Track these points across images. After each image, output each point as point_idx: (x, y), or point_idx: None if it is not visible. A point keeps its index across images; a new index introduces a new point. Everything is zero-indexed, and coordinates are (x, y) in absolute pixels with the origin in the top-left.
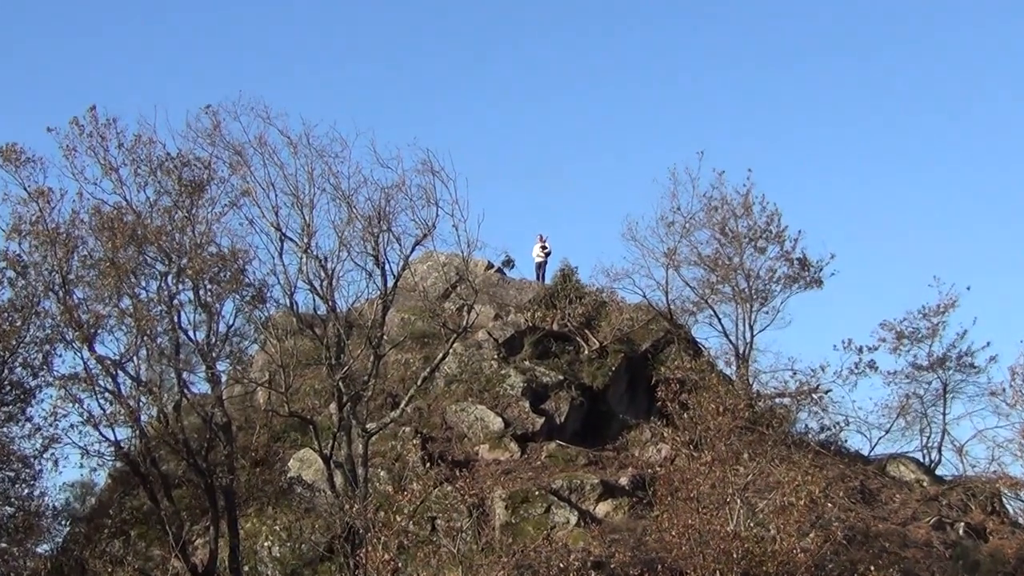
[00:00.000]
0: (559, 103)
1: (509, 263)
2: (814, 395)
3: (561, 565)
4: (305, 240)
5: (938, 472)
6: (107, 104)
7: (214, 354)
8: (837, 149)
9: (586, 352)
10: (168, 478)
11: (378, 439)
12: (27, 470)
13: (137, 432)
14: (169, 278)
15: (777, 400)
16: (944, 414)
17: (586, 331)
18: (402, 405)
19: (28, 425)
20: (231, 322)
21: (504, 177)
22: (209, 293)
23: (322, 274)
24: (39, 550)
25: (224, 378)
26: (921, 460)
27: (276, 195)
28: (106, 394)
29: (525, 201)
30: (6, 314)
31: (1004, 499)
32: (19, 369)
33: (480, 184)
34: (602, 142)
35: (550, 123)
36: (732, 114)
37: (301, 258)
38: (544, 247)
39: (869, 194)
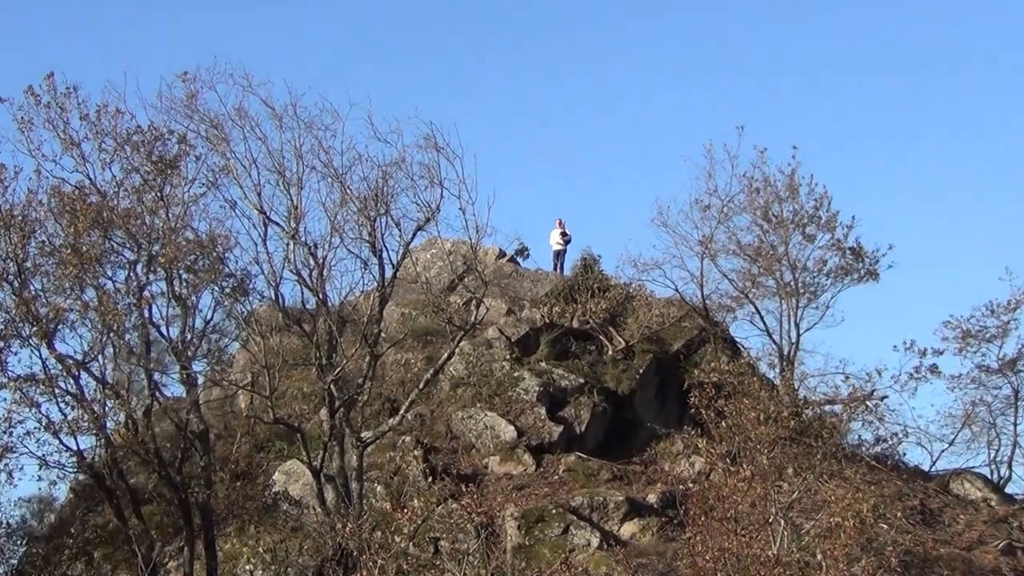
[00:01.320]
0: (578, 72)
1: (523, 251)
2: (868, 402)
3: None
4: (292, 224)
5: (1008, 490)
6: (67, 71)
7: (189, 353)
8: (894, 124)
9: (610, 352)
10: (137, 493)
11: (374, 449)
12: None
13: (102, 440)
14: (139, 267)
15: (827, 408)
16: (1015, 424)
17: (610, 329)
18: (402, 411)
19: None
20: (209, 317)
21: (518, 155)
22: (184, 284)
23: (312, 263)
24: None
25: (201, 380)
26: (989, 476)
27: (259, 173)
28: (67, 397)
29: (542, 182)
30: None
31: None
32: None
33: (491, 162)
34: (628, 116)
35: (570, 94)
36: (775, 84)
37: (288, 244)
38: (564, 233)
39: (931, 175)
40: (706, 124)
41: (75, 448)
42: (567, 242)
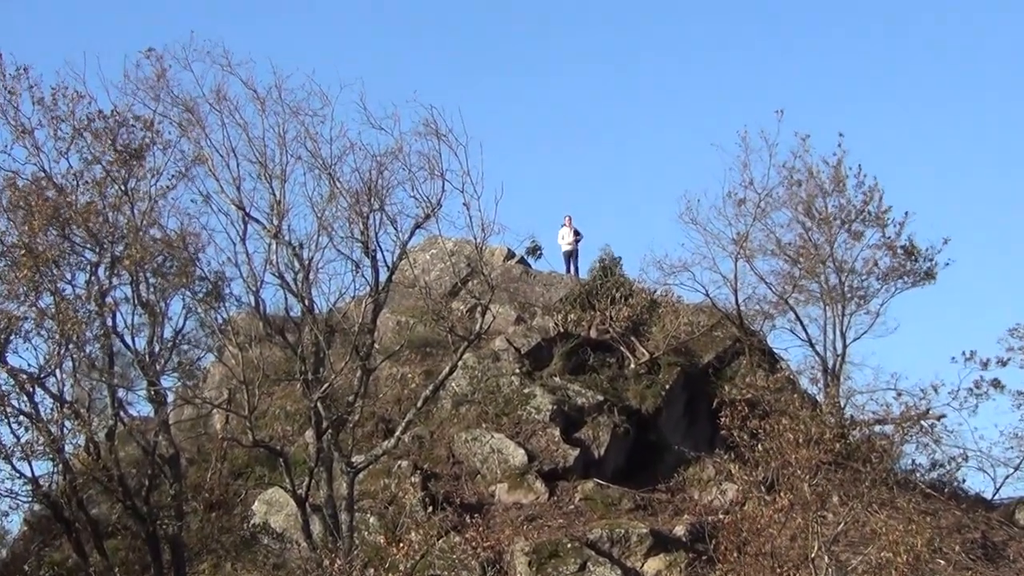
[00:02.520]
0: (594, 52)
1: (535, 251)
2: (924, 422)
3: None
4: (275, 221)
5: None
6: (17, 49)
7: (158, 367)
8: (950, 108)
9: (632, 366)
10: (99, 525)
11: (367, 476)
12: None
13: (60, 466)
14: (101, 269)
15: (877, 428)
16: None
17: (633, 339)
18: (398, 433)
19: None
20: (179, 326)
21: (528, 144)
22: (152, 289)
23: (296, 265)
24: None
25: (171, 397)
26: None
27: (238, 164)
28: (20, 417)
29: (555, 174)
30: None
31: None
32: None
33: (498, 152)
34: (651, 99)
35: (586, 77)
36: (818, 63)
37: (270, 244)
38: (575, 232)
39: (991, 163)
40: (740, 108)
41: (29, 474)
42: (578, 240)
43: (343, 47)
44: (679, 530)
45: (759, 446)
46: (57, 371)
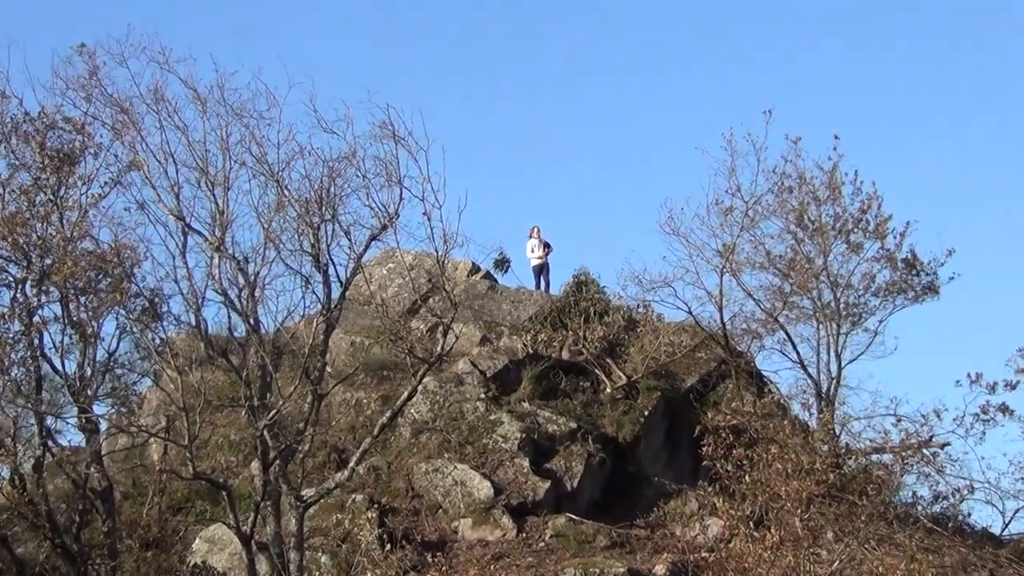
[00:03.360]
0: (566, 49)
1: (503, 264)
2: (926, 451)
3: None
4: (217, 233)
5: None
6: None
7: (90, 392)
8: (954, 110)
9: (608, 390)
10: (25, 565)
11: (318, 511)
12: None
13: None
14: (27, 286)
15: (874, 458)
16: None
17: (608, 361)
18: (352, 464)
19: None
20: (113, 347)
21: (494, 150)
22: (83, 307)
23: (241, 280)
24: None
25: (104, 426)
26: None
27: (177, 170)
28: None
29: (524, 181)
30: None
31: None
32: None
33: (462, 158)
34: (627, 99)
35: (554, 76)
36: (809, 60)
37: (212, 258)
38: (544, 244)
39: (999, 173)
40: (726, 108)
41: None
42: (548, 253)
43: (291, 43)
44: (659, 569)
45: (746, 477)
46: None
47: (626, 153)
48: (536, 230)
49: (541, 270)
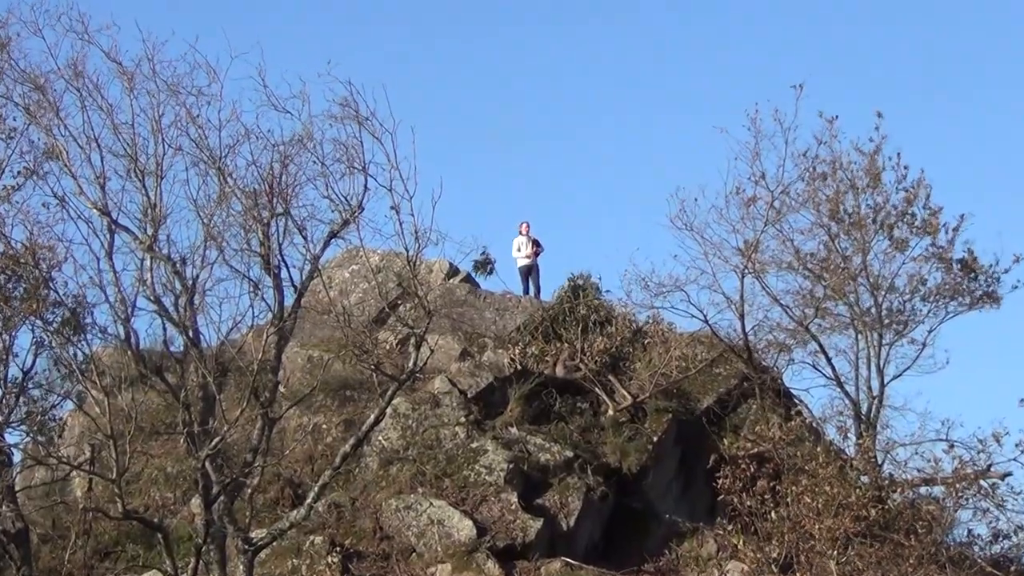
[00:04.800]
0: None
1: (486, 266)
2: (983, 482)
3: None
4: (149, 231)
5: None
6: None
7: (1, 417)
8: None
9: (611, 412)
10: None
11: (271, 555)
12: None
13: None
14: None
15: (923, 490)
16: None
17: (611, 378)
18: (309, 500)
19: None
20: (28, 365)
21: (475, 132)
22: None
23: (178, 286)
24: None
25: (17, 457)
26: None
27: (102, 157)
28: None
29: (509, 168)
30: None
31: None
32: None
33: (436, 142)
34: (632, 74)
35: (546, 45)
36: (845, 29)
37: (143, 260)
38: (534, 242)
39: None
40: (749, 82)
41: None
42: (538, 253)
43: (234, 7)
44: None
45: (772, 514)
46: None
47: (630, 136)
48: (525, 226)
49: (529, 272)
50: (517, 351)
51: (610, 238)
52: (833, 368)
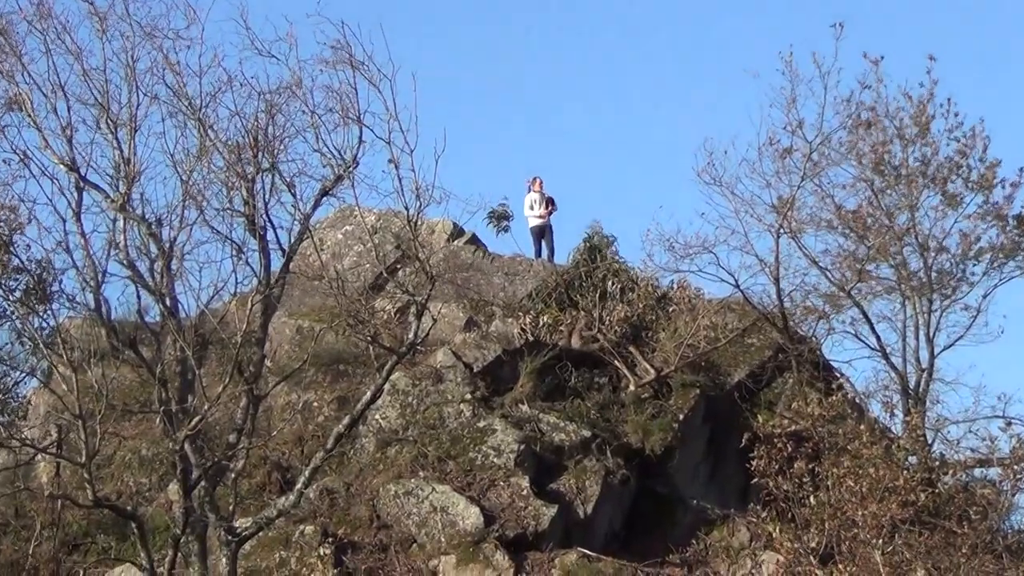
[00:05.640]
0: None
1: (501, 220)
2: None
3: None
4: (122, 188)
5: None
6: None
7: None
8: None
9: (632, 388)
10: None
11: (256, 546)
12: None
13: None
14: None
15: (978, 472)
16: None
17: (632, 349)
18: (298, 486)
19: None
20: None
21: (482, 79)
22: None
23: (153, 249)
24: None
25: None
26: None
27: (69, 108)
28: None
29: (521, 119)
30: None
31: None
32: None
33: (440, 90)
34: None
35: None
36: None
37: (115, 220)
38: (547, 200)
39: None
40: (784, 22)
41: None
42: (552, 212)
43: None
44: None
45: (810, 499)
46: None
47: (652, 82)
48: (537, 182)
49: (542, 232)
50: (528, 320)
51: (631, 195)
52: (878, 337)
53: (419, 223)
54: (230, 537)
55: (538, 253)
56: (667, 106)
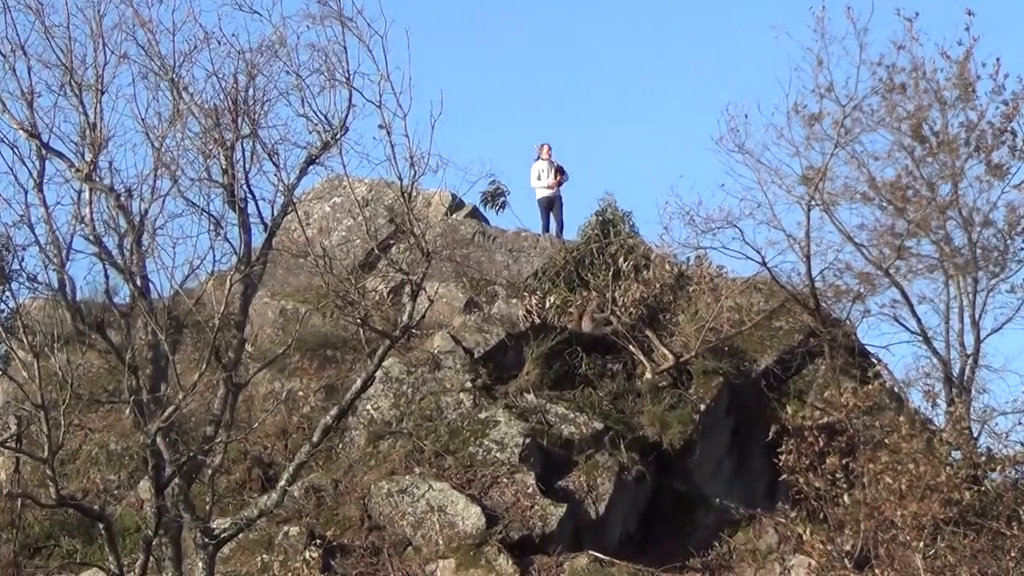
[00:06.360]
0: None
1: (495, 199)
2: None
3: None
4: (88, 157)
5: None
6: None
7: None
8: None
9: (649, 376)
10: None
11: (236, 549)
12: None
13: None
14: None
15: None
16: None
17: (649, 333)
18: (282, 483)
19: None
20: None
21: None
22: None
23: (123, 223)
24: None
25: None
26: None
27: (29, 68)
28: None
29: (526, 82)
30: None
31: None
32: None
33: (436, 49)
34: None
35: None
36: None
37: (80, 192)
38: (557, 169)
39: None
40: None
41: None
42: (562, 183)
43: None
44: None
45: (844, 497)
46: None
47: (669, 40)
48: (545, 149)
49: (550, 204)
50: (534, 301)
51: (647, 164)
52: (918, 320)
53: (414, 194)
54: (207, 539)
55: (545, 227)
56: (685, 65)
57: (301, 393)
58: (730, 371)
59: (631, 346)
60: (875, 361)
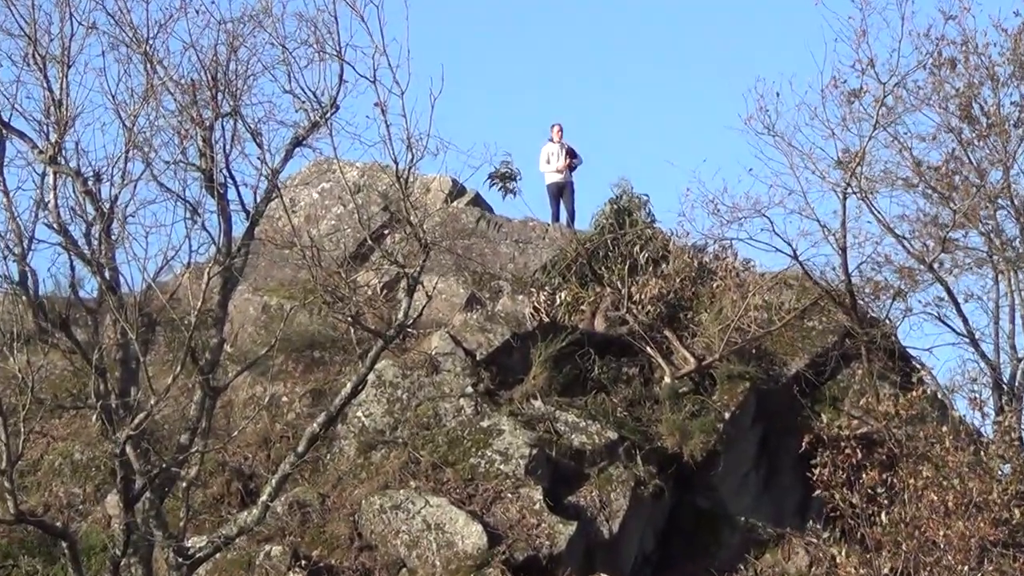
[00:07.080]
0: None
1: (506, 181)
2: None
3: None
4: (53, 137)
5: None
6: None
7: None
8: None
9: (668, 380)
10: None
11: (213, 571)
12: None
13: None
14: None
15: None
16: None
17: (668, 333)
18: (263, 497)
19: None
20: None
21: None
22: None
23: (90, 210)
24: None
25: None
26: None
27: None
28: None
29: (535, 57)
30: None
31: None
32: None
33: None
34: None
35: None
36: None
37: (44, 175)
38: (568, 151)
39: None
40: None
41: None
42: (574, 167)
43: None
44: None
45: (883, 515)
46: None
47: (691, 9)
48: (556, 130)
49: (561, 191)
50: (543, 298)
51: (667, 147)
52: (965, 320)
53: (411, 180)
54: (180, 559)
55: (555, 216)
56: (709, 38)
57: (285, 398)
58: (758, 376)
59: (648, 348)
60: (917, 365)
